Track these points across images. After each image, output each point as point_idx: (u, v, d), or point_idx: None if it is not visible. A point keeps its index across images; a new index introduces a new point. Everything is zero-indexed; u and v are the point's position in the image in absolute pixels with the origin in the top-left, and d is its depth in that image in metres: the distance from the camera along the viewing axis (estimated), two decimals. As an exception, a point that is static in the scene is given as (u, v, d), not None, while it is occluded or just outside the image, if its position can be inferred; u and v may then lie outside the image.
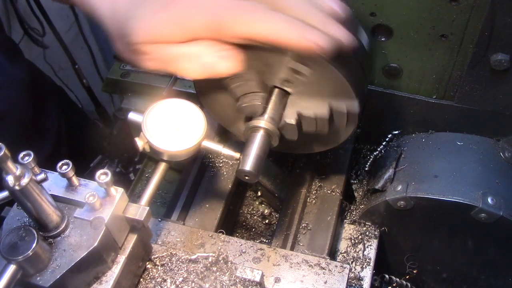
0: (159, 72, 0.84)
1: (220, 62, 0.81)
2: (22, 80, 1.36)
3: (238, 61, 0.82)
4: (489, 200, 1.02)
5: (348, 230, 1.17)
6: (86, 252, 0.76)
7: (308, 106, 0.92)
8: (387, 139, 1.22)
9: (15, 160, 0.70)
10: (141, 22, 0.82)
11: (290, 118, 0.92)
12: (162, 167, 0.98)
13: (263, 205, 1.29)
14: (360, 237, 1.16)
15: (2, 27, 1.47)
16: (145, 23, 0.82)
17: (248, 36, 0.78)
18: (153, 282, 0.90)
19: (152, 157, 1.24)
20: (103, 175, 0.77)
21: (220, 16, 0.78)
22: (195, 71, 0.83)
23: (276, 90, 0.94)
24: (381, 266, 1.19)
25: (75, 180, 0.80)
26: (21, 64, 1.42)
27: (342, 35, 0.79)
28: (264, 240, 1.26)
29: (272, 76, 0.92)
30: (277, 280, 0.93)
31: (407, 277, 1.27)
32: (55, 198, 0.78)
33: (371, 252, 1.13)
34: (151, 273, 0.91)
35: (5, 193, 0.74)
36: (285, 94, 0.94)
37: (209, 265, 0.90)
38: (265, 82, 0.93)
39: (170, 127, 0.94)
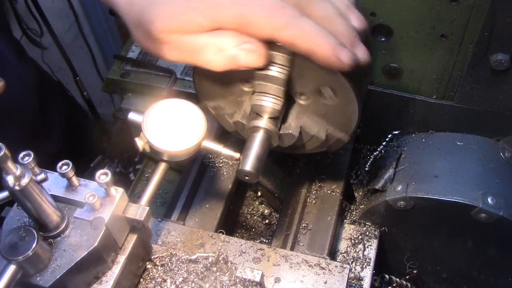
0: (180, 63, 0.80)
1: (245, 55, 0.77)
2: (29, 79, 1.37)
3: (262, 55, 0.79)
4: (489, 200, 1.02)
5: (348, 230, 1.17)
6: (86, 252, 0.76)
7: (310, 124, 0.94)
8: (387, 139, 1.22)
9: (15, 160, 0.70)
10: (163, 9, 0.77)
11: (294, 130, 0.93)
12: (162, 167, 0.98)
13: (263, 205, 1.29)
14: (360, 237, 1.16)
15: (9, 27, 1.48)
16: (167, 10, 0.76)
17: (274, 38, 0.76)
18: (153, 282, 0.90)
19: (152, 157, 1.24)
20: (103, 175, 0.77)
21: (250, 13, 0.75)
22: (218, 63, 0.79)
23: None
24: (381, 266, 1.19)
25: (75, 180, 0.80)
26: (28, 64, 1.43)
27: (364, 56, 0.79)
28: (264, 240, 1.26)
29: (296, 86, 0.91)
30: (277, 280, 0.93)
31: (407, 277, 1.27)
32: (55, 198, 0.78)
33: (371, 252, 1.13)
34: (151, 273, 0.91)
35: (5, 193, 0.74)
36: (292, 103, 0.94)
37: (209, 265, 0.90)
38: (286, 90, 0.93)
39: (170, 127, 0.94)
